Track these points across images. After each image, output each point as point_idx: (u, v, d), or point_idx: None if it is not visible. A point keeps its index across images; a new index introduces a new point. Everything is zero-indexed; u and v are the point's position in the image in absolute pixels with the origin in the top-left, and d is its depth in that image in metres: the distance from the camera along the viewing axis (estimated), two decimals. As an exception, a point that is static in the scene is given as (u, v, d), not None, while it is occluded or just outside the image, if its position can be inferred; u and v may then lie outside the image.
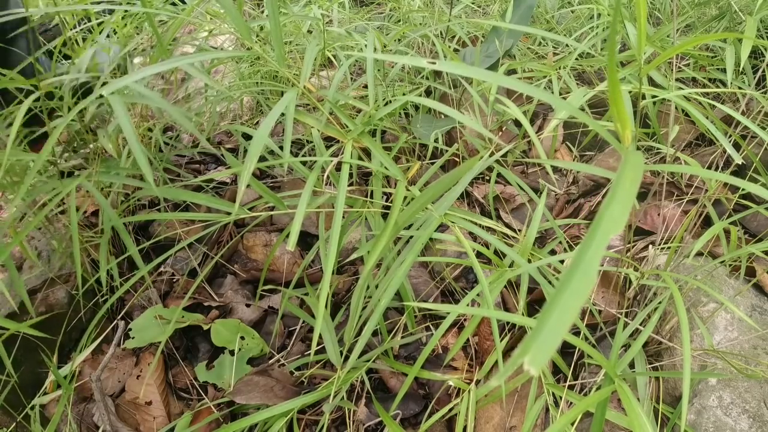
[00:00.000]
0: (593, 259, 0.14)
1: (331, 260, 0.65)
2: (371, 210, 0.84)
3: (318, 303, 0.73)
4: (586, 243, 0.15)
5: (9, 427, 0.77)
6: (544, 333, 0.12)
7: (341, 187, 0.67)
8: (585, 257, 0.14)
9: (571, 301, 0.13)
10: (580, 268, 0.14)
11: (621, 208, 0.16)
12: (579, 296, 0.13)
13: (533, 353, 0.12)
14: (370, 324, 0.69)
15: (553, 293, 0.13)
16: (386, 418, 0.73)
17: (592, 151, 1.21)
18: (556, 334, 0.12)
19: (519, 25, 1.09)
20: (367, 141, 0.76)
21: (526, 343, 0.12)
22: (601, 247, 0.15)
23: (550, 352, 0.12)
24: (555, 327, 0.12)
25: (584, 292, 0.13)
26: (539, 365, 0.12)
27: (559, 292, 0.13)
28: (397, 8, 1.41)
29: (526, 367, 0.12)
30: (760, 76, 1.14)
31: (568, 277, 0.14)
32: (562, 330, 0.12)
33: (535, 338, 0.12)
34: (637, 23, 0.47)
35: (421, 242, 0.69)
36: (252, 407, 0.81)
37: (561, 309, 0.13)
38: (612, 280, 0.90)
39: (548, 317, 0.12)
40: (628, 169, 0.21)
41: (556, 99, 0.41)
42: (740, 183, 0.47)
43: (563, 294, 0.13)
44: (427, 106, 0.65)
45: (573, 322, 0.62)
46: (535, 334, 0.12)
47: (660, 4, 1.37)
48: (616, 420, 0.61)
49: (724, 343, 0.75)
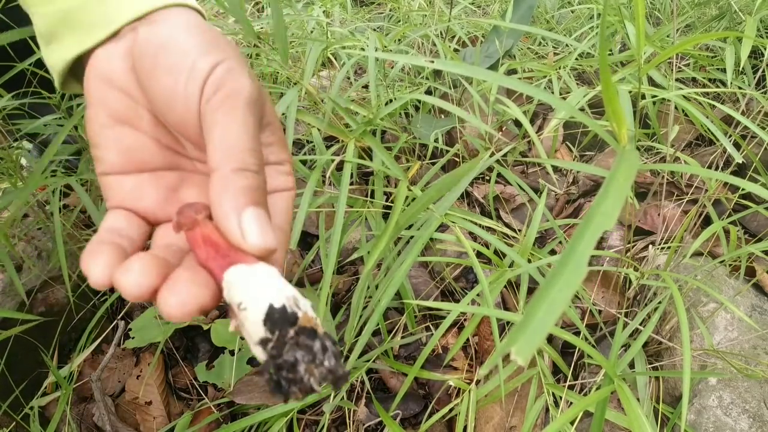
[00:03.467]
0: (584, 253, 0.14)
1: (332, 260, 0.65)
2: (371, 210, 0.84)
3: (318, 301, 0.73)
4: (577, 237, 0.15)
5: (8, 428, 0.77)
6: (533, 324, 0.12)
7: (344, 186, 0.67)
8: (576, 251, 0.14)
9: (560, 294, 0.13)
10: (570, 261, 0.14)
11: (613, 203, 0.16)
12: (568, 289, 0.13)
13: (520, 344, 0.12)
14: (370, 324, 0.69)
15: (543, 285, 0.14)
16: (386, 419, 0.73)
17: (592, 151, 1.21)
18: (544, 325, 0.12)
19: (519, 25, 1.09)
20: (370, 140, 0.76)
21: (514, 334, 0.12)
22: (592, 241, 0.15)
23: (537, 344, 0.12)
24: (543, 319, 0.12)
25: (574, 285, 0.13)
26: (526, 356, 0.12)
27: (548, 284, 0.13)
28: (397, 8, 1.41)
29: (513, 357, 0.12)
30: (760, 76, 1.14)
31: (559, 270, 0.14)
32: (550, 322, 0.12)
33: (524, 329, 0.12)
34: (636, 22, 0.47)
35: (422, 242, 0.69)
36: (252, 407, 0.81)
37: (550, 301, 0.13)
38: (612, 280, 0.90)
39: (537, 309, 0.12)
40: (623, 165, 0.22)
41: (555, 99, 0.41)
42: (740, 183, 0.47)
43: (553, 287, 0.13)
44: (428, 105, 0.65)
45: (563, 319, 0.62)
46: (523, 325, 0.12)
47: (660, 4, 1.37)
48: (615, 420, 0.61)
49: (724, 343, 0.75)
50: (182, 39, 0.32)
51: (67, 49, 0.35)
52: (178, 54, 0.31)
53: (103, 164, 0.34)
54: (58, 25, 0.36)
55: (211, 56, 0.31)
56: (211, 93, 0.31)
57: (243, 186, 0.29)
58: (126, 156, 0.34)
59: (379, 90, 1.03)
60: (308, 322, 0.26)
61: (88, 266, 0.28)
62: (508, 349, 0.12)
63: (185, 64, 0.31)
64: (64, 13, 0.35)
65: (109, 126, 0.34)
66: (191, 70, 0.31)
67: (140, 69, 0.33)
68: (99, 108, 0.34)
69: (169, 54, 0.32)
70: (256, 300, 0.27)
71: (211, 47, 0.32)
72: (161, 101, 0.32)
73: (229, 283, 0.28)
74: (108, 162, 0.34)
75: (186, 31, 0.33)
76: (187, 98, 0.31)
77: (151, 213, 0.34)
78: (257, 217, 0.29)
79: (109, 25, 0.34)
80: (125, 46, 0.34)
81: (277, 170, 0.36)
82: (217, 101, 0.31)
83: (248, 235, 0.28)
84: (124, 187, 0.34)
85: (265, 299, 0.26)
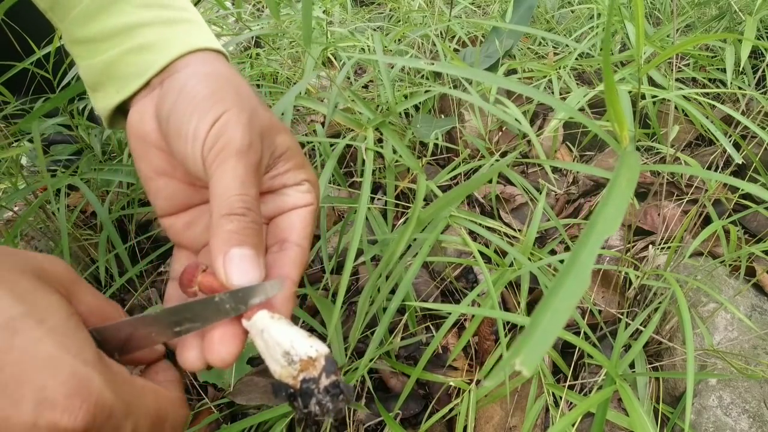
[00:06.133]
0: (587, 261, 0.14)
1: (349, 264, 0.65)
2: (373, 206, 0.84)
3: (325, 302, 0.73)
4: (580, 244, 0.15)
5: None
6: (537, 334, 0.12)
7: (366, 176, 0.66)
8: (579, 258, 0.14)
9: (564, 303, 0.13)
10: (574, 269, 0.14)
11: (616, 209, 0.16)
12: (572, 298, 0.13)
13: (525, 354, 0.12)
14: (380, 329, 0.69)
15: (547, 294, 0.14)
16: (388, 419, 0.73)
17: (593, 150, 1.21)
18: (549, 335, 0.12)
19: (519, 25, 1.09)
20: (386, 131, 0.75)
21: (519, 344, 0.12)
22: (595, 248, 0.15)
23: (542, 354, 0.12)
24: (547, 328, 0.12)
25: (578, 294, 0.13)
26: (531, 366, 0.12)
27: (552, 293, 0.13)
28: (397, 8, 1.41)
29: (518, 367, 0.12)
30: (760, 76, 1.14)
31: (562, 278, 0.14)
32: (555, 331, 0.12)
33: (528, 339, 0.12)
34: (635, 22, 0.47)
35: (429, 244, 0.69)
36: (252, 408, 0.81)
37: (554, 310, 0.13)
38: (612, 280, 0.90)
39: (541, 318, 0.13)
40: (624, 170, 0.22)
41: (555, 100, 0.41)
42: (740, 183, 0.47)
43: (557, 295, 0.13)
44: (428, 105, 0.65)
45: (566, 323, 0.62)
46: (527, 335, 0.12)
47: (660, 4, 1.37)
48: (616, 420, 0.61)
49: (724, 343, 0.75)
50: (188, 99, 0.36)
51: (110, 98, 0.41)
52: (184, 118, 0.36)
53: (157, 209, 0.41)
54: (101, 76, 0.41)
55: (211, 113, 0.35)
56: (208, 149, 0.35)
57: (228, 230, 0.33)
58: (171, 201, 0.41)
59: (380, 90, 1.03)
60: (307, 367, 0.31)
61: (184, 357, 0.37)
62: (513, 359, 0.12)
63: (189, 129, 0.35)
64: (105, 65, 0.41)
65: (153, 178, 0.40)
66: (194, 137, 0.35)
67: (161, 129, 0.38)
68: (142, 163, 0.40)
69: (178, 118, 0.36)
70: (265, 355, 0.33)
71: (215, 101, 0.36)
72: (180, 159, 0.38)
73: None
74: (160, 207, 0.41)
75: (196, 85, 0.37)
76: (195, 159, 0.36)
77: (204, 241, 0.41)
78: (239, 258, 0.33)
79: (141, 76, 0.40)
80: (153, 104, 0.39)
81: (296, 190, 0.40)
82: (213, 156, 0.35)
83: (228, 276, 0.33)
84: (177, 225, 0.41)
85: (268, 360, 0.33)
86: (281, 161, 0.39)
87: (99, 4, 0.40)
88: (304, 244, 0.39)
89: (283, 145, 0.39)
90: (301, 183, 0.40)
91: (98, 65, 0.41)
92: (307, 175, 0.40)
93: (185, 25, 0.42)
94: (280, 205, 0.40)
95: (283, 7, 1.16)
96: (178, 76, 0.38)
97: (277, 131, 0.39)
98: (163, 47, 0.40)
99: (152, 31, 0.40)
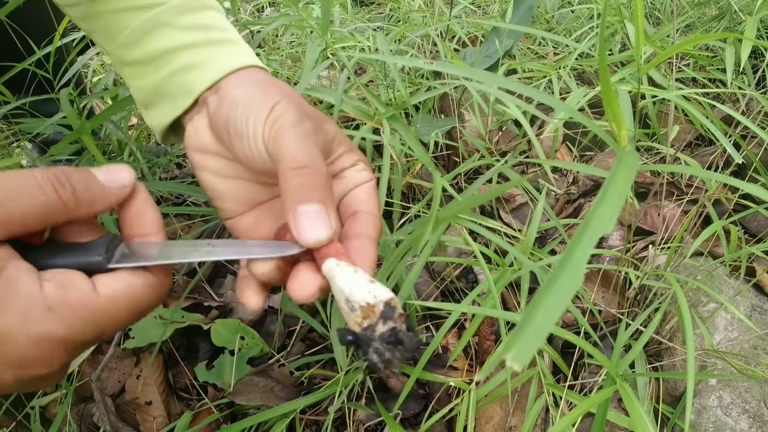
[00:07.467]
0: (581, 258, 0.14)
1: None
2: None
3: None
4: (575, 241, 0.15)
5: (9, 427, 0.77)
6: (529, 330, 0.12)
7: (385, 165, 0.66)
8: (573, 256, 0.14)
9: (557, 300, 0.13)
10: (567, 266, 0.14)
11: (611, 207, 0.16)
12: (565, 295, 0.13)
13: (517, 350, 0.12)
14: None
15: (540, 290, 0.14)
16: (388, 419, 0.73)
17: (593, 150, 1.21)
18: (541, 332, 0.12)
19: (519, 25, 1.09)
20: (399, 125, 0.75)
21: (510, 340, 0.12)
22: (589, 245, 0.15)
23: (533, 350, 0.12)
24: (540, 324, 0.12)
25: (571, 291, 0.13)
26: (523, 362, 0.12)
27: (545, 289, 0.13)
28: (397, 8, 1.41)
29: (509, 363, 0.12)
30: (760, 76, 1.14)
31: (556, 275, 0.14)
32: (547, 328, 0.12)
33: (520, 335, 0.12)
34: (635, 22, 0.47)
35: (432, 245, 0.68)
36: (252, 407, 0.81)
37: (546, 307, 0.13)
38: (612, 280, 0.90)
39: (534, 314, 0.13)
40: (622, 168, 0.21)
41: (554, 100, 0.41)
42: (740, 184, 0.47)
43: (549, 292, 0.13)
44: (429, 105, 0.65)
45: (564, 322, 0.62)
46: (519, 331, 0.12)
47: (660, 4, 1.37)
48: (616, 420, 0.61)
49: (724, 343, 0.75)
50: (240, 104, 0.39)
51: (163, 116, 0.44)
52: (240, 121, 0.38)
53: (225, 212, 0.43)
54: (152, 96, 0.44)
55: (263, 109, 0.38)
56: (267, 136, 0.37)
57: (295, 185, 0.34)
58: (238, 201, 0.43)
59: (380, 90, 1.03)
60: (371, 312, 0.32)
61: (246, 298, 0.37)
62: (504, 355, 0.12)
63: (248, 129, 0.38)
64: (155, 86, 0.44)
65: (216, 183, 0.42)
66: (254, 133, 0.37)
67: (220, 138, 0.41)
68: (204, 172, 0.43)
69: (235, 124, 0.39)
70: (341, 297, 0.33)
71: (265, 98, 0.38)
72: (244, 159, 0.39)
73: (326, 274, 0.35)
74: (227, 209, 0.43)
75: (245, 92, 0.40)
76: (260, 152, 0.38)
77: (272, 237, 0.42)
78: (307, 214, 0.34)
79: (189, 94, 0.43)
80: (206, 117, 0.42)
81: (354, 170, 0.42)
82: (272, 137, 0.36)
83: (300, 234, 0.34)
84: (246, 223, 0.43)
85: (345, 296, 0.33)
86: (335, 146, 0.41)
87: (145, 28, 0.43)
88: (375, 212, 0.41)
89: (332, 131, 0.41)
90: (356, 163, 0.42)
91: (148, 85, 0.44)
92: (360, 156, 0.43)
93: (228, 46, 0.45)
94: (343, 188, 0.42)
95: (283, 7, 1.16)
96: (227, 90, 0.41)
97: (323, 119, 0.41)
98: (209, 66, 0.43)
99: (198, 52, 0.43)
